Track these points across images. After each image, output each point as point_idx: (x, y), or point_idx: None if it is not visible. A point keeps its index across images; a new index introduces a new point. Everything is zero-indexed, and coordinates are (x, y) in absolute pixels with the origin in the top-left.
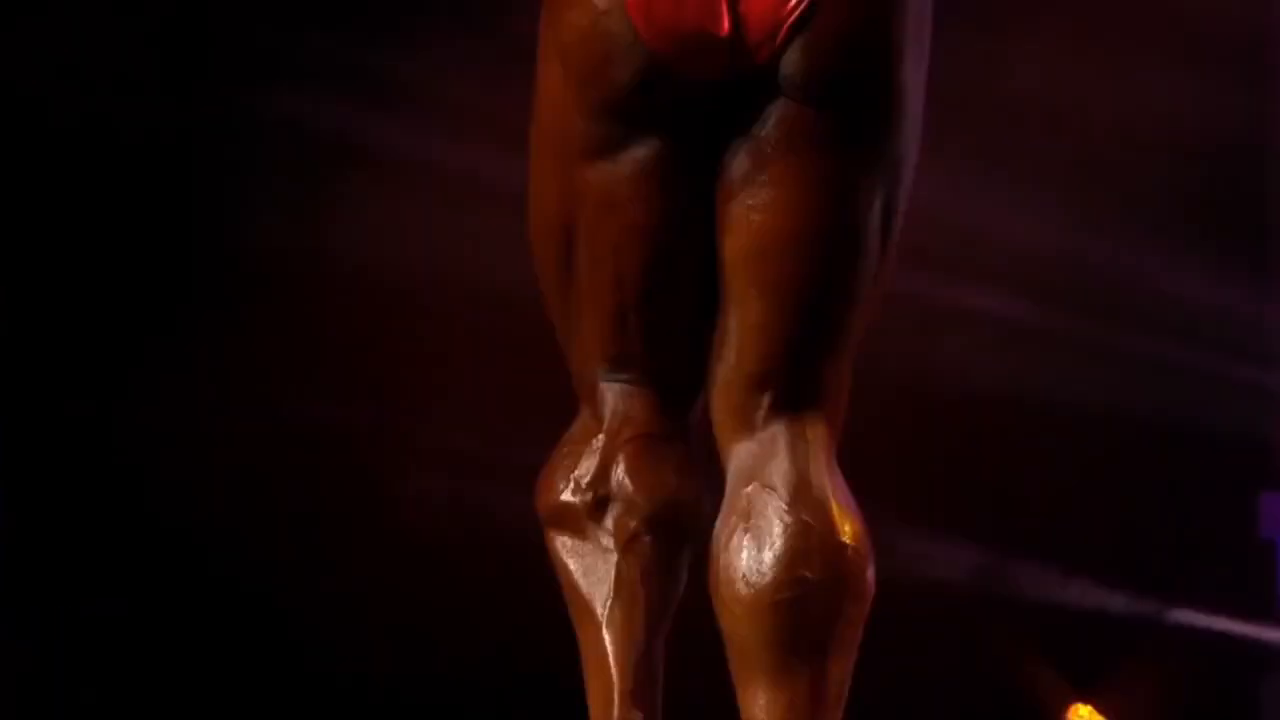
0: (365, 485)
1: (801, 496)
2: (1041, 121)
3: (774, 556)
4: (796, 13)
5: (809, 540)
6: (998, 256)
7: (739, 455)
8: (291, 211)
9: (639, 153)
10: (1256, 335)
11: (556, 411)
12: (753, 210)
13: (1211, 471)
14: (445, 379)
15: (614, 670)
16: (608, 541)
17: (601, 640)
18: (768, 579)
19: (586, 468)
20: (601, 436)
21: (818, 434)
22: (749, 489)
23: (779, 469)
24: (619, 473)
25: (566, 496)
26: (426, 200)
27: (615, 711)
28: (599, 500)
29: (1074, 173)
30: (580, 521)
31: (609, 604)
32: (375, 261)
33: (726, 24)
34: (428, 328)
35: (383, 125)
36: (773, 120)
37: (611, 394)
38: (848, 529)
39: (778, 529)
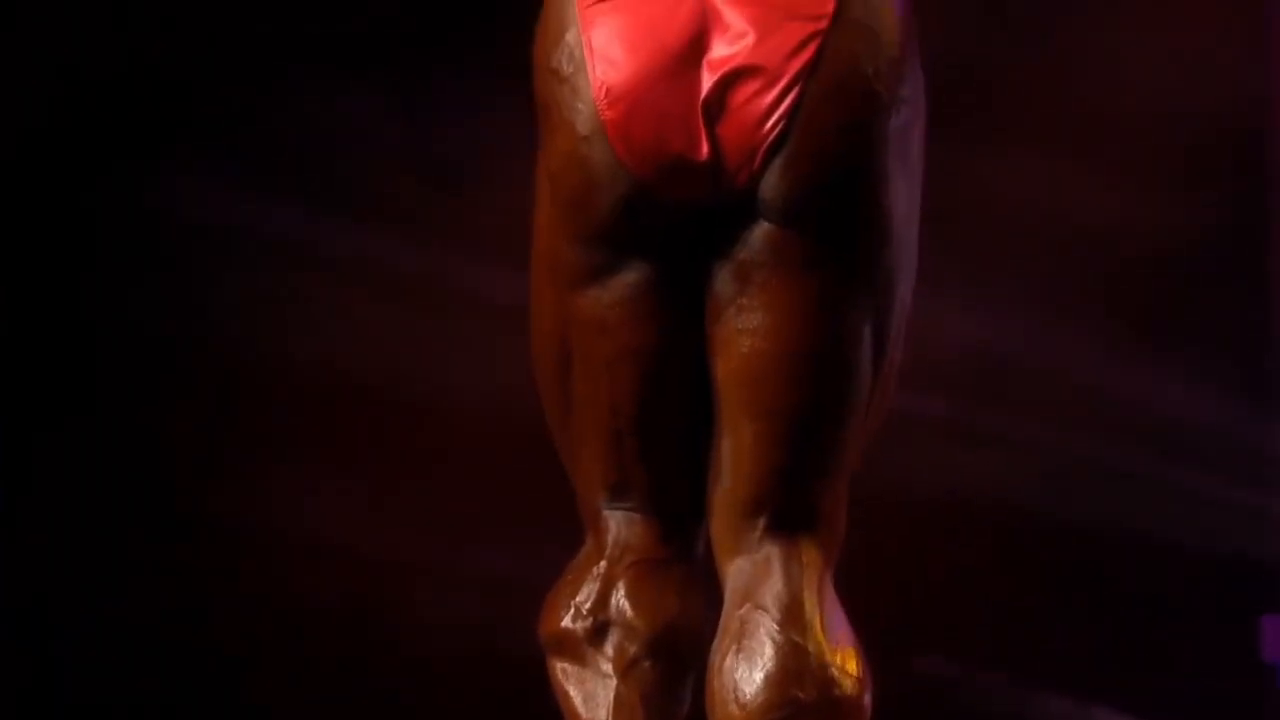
0: (361, 604)
1: (793, 618)
2: (1032, 234)
3: (765, 677)
4: (772, 135)
5: (801, 661)
6: (993, 372)
7: (735, 576)
8: (252, 313)
9: (627, 277)
10: (1257, 456)
11: (556, 531)
12: (741, 334)
13: (1211, 594)
14: (445, 493)
15: None
16: (607, 667)
17: None
18: (760, 700)
19: (587, 594)
20: (603, 563)
21: (812, 556)
22: (742, 610)
23: (772, 590)
24: (618, 598)
25: (567, 623)
26: (396, 305)
27: None
28: (599, 626)
29: (1067, 286)
30: (580, 648)
31: None
32: (354, 369)
33: (705, 148)
34: (432, 437)
35: (345, 228)
36: (757, 243)
37: (614, 521)
38: (840, 652)
39: (769, 650)
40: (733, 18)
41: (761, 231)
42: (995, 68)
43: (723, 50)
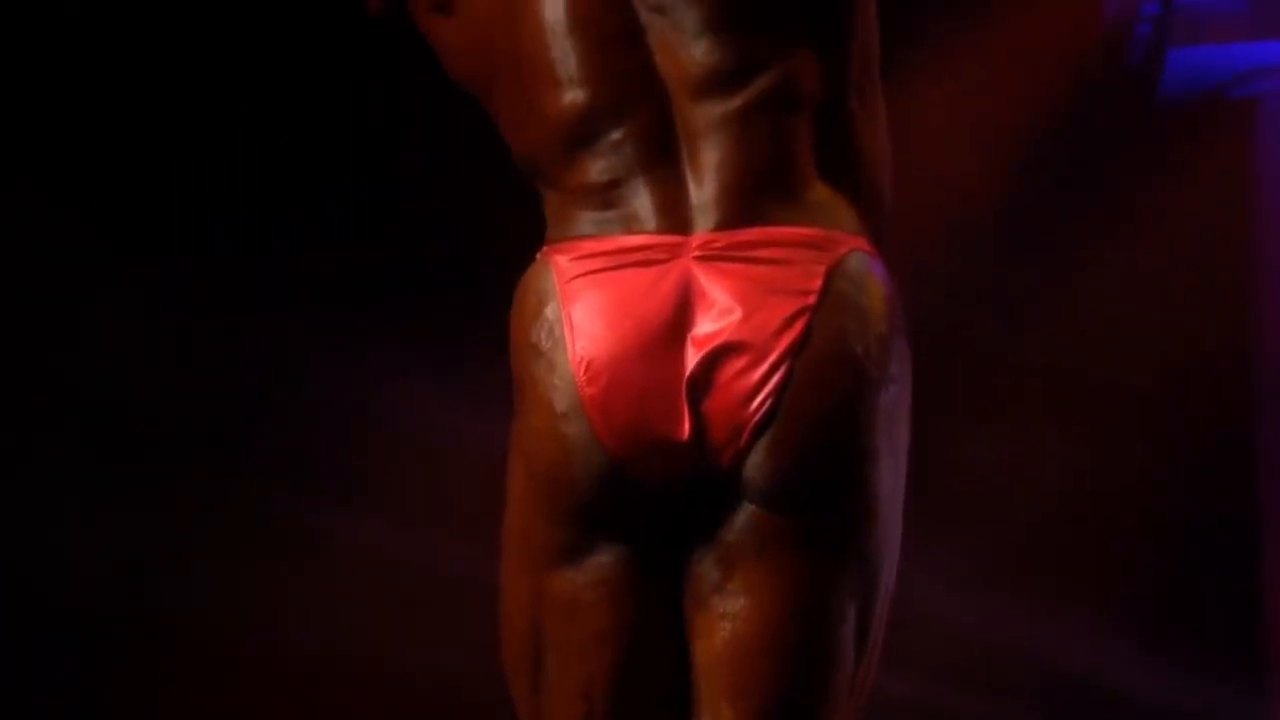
0: None
1: None
2: (1023, 510)
3: None
4: (759, 414)
5: None
6: (976, 660)
7: None
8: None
9: (602, 557)
10: None
11: None
12: (722, 618)
13: None
14: None
15: None
16: None
17: None
18: None
19: None
20: None
21: None
22: None
23: None
24: None
25: None
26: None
27: None
28: None
29: (1054, 573)
30: None
31: None
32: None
33: (688, 427)
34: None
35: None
36: (740, 525)
37: None
38: None
39: None
40: (718, 293)
41: (745, 513)
42: (976, 341)
43: (707, 326)
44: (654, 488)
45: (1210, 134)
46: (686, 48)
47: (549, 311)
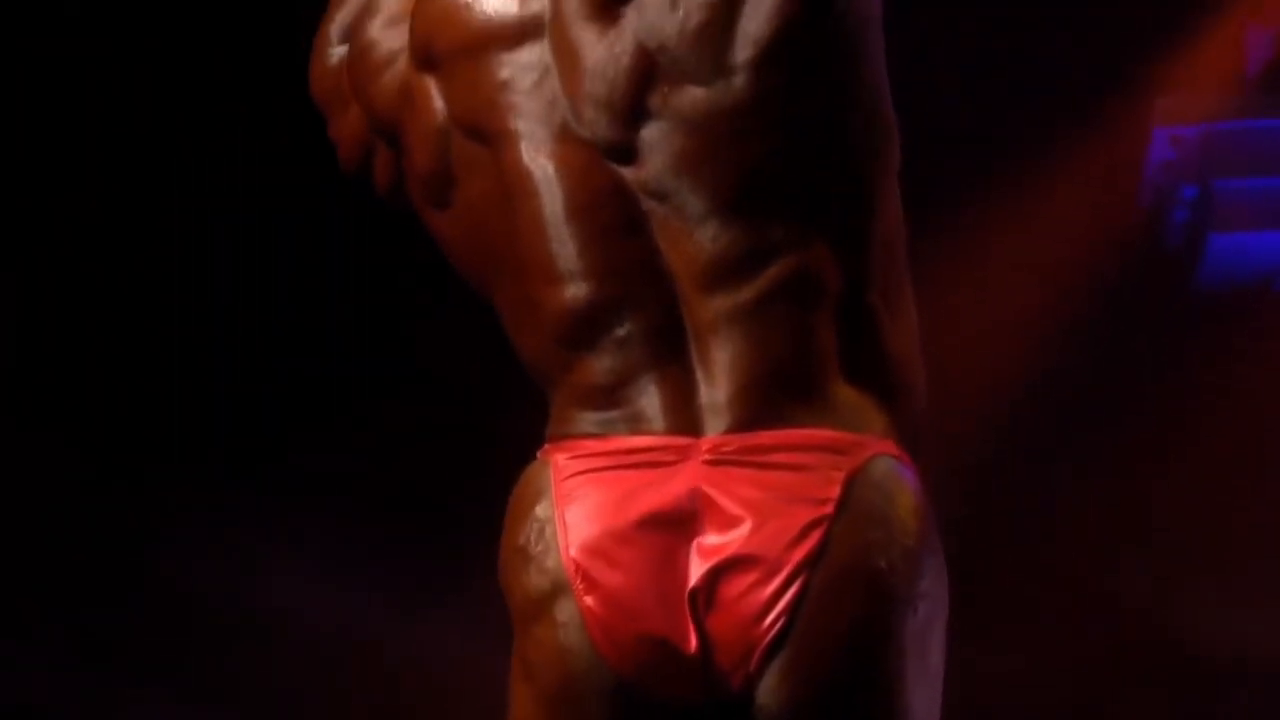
0: None
1: None
2: None
3: None
4: (771, 633)
5: None
6: None
7: None
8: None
9: None
10: None
11: None
12: None
13: None
14: None
15: None
16: None
17: None
18: None
19: None
20: None
21: None
22: None
23: None
24: None
25: None
26: None
27: None
28: None
29: None
30: None
31: None
32: None
33: (694, 641)
34: None
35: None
36: None
37: None
38: None
39: None
40: (728, 501)
41: None
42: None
43: (716, 537)
44: (663, 709)
45: (1254, 326)
46: (691, 237)
47: (540, 511)
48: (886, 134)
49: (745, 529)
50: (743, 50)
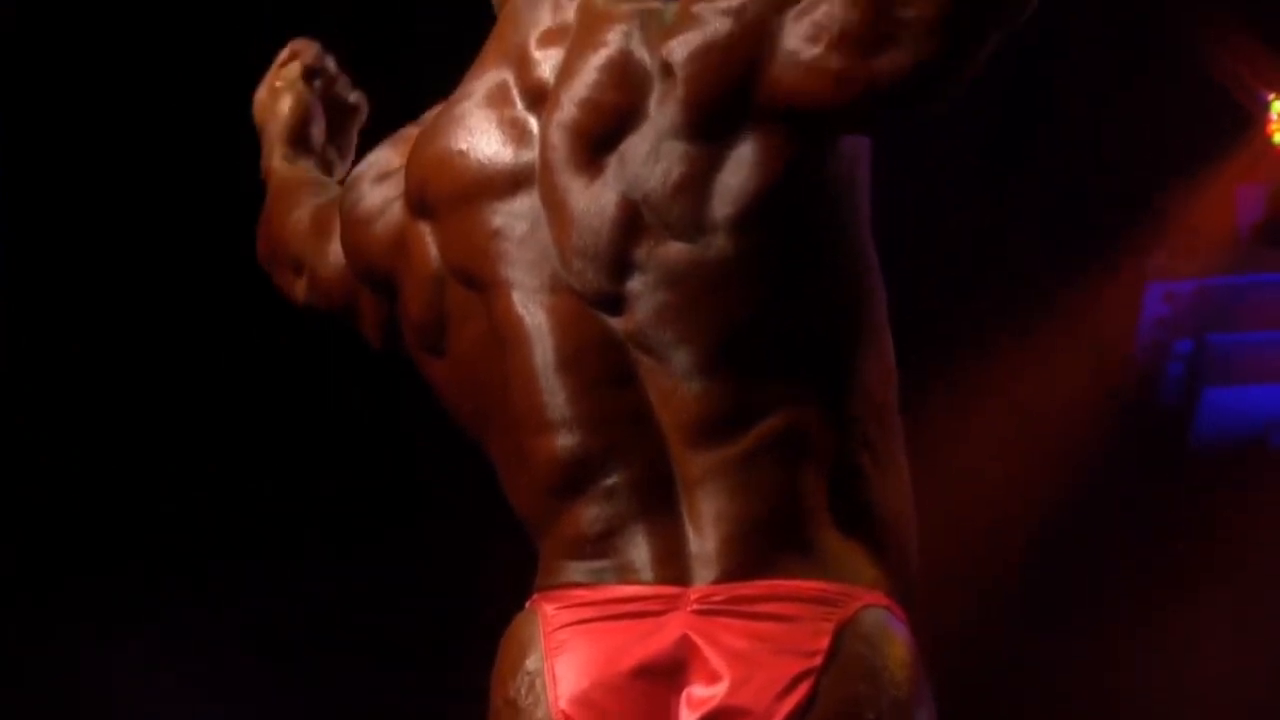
0: None
1: None
2: None
3: None
4: None
5: None
6: None
7: None
8: None
9: None
10: None
11: None
12: None
13: None
14: None
15: None
16: None
17: None
18: None
19: None
20: None
21: None
22: None
23: None
24: None
25: None
26: None
27: None
28: None
29: None
30: None
31: None
32: None
33: None
34: None
35: None
36: None
37: None
38: None
39: None
40: (716, 651)
41: None
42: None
43: (704, 688)
44: None
45: (1252, 483)
46: (677, 391)
47: (530, 663)
48: (870, 291)
49: (732, 679)
50: (723, 207)
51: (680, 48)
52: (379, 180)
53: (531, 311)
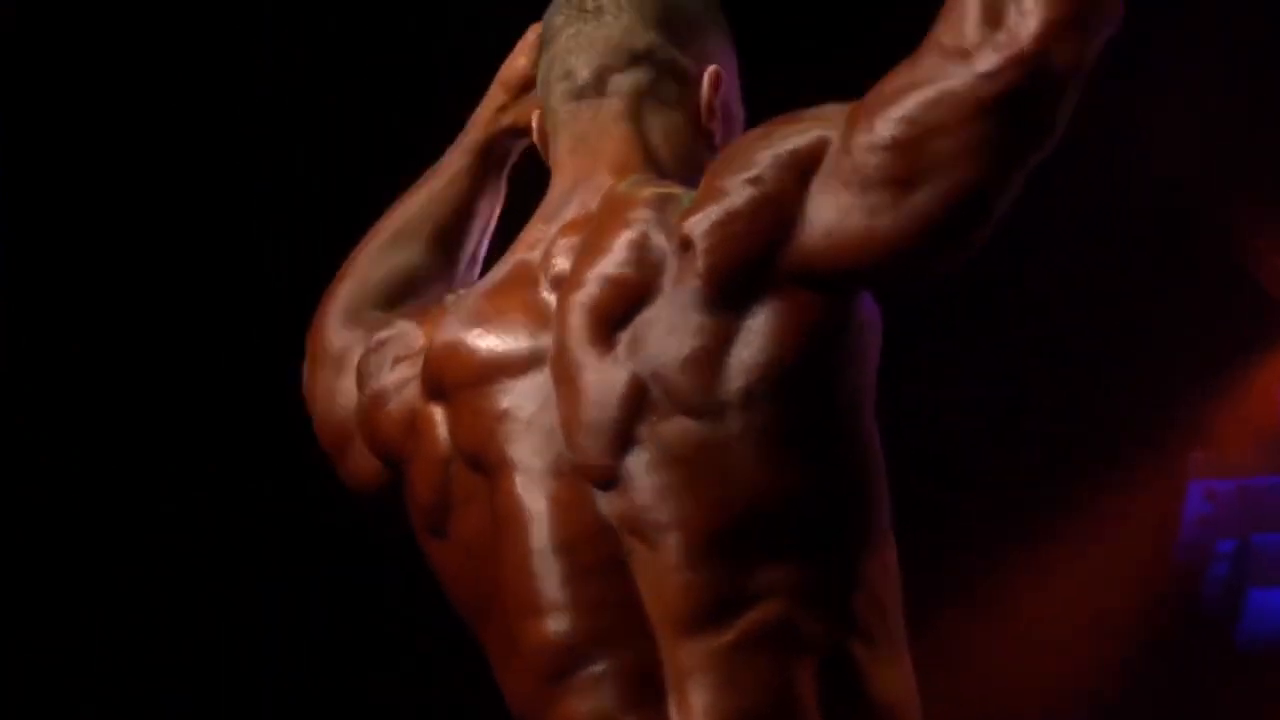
0: None
1: None
2: None
3: None
4: None
5: None
6: None
7: None
8: None
9: None
10: None
11: None
12: None
13: None
14: None
15: None
16: None
17: None
18: None
19: None
20: None
21: None
22: None
23: None
24: None
25: None
26: None
27: None
28: None
29: None
30: None
31: None
32: None
33: None
34: None
35: None
36: None
37: None
38: None
39: None
40: None
41: None
42: None
43: None
44: None
45: None
46: (669, 579)
47: None
48: (874, 484)
49: None
50: (732, 380)
51: (701, 221)
52: (399, 360)
53: (532, 495)
